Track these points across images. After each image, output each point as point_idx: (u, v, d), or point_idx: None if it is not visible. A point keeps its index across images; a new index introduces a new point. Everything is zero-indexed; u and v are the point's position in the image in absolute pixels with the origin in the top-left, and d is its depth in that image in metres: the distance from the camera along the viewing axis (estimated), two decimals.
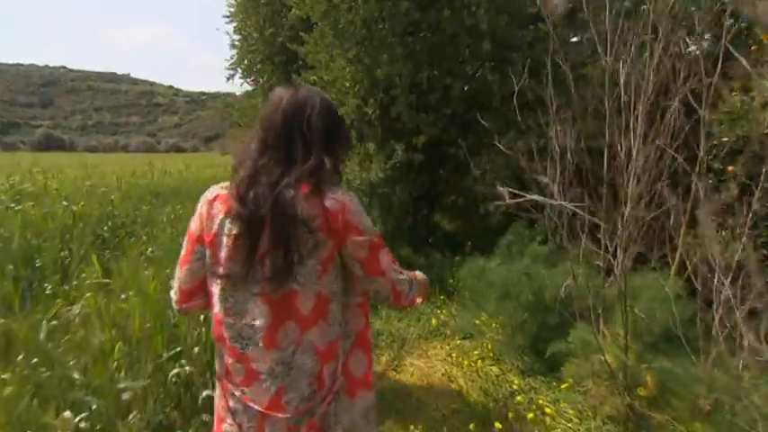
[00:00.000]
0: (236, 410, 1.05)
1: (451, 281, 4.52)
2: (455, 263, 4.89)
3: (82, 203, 4.92)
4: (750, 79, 2.97)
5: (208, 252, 1.06)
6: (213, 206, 1.07)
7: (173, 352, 1.95)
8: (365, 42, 4.07)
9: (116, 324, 2.07)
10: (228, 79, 9.29)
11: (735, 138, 3.11)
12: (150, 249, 3.69)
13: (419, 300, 1.21)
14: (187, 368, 1.84)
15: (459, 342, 3.56)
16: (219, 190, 1.09)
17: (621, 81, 2.28)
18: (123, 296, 2.38)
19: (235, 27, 8.87)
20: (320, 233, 1.00)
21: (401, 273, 1.13)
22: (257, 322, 1.02)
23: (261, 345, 1.02)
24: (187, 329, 2.09)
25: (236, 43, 9.19)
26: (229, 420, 1.06)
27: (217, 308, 1.06)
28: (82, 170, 9.58)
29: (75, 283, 2.90)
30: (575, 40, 6.14)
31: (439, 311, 4.13)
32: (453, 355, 3.33)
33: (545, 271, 2.96)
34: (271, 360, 1.02)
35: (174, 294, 1.16)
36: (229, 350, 1.05)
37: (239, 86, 24.98)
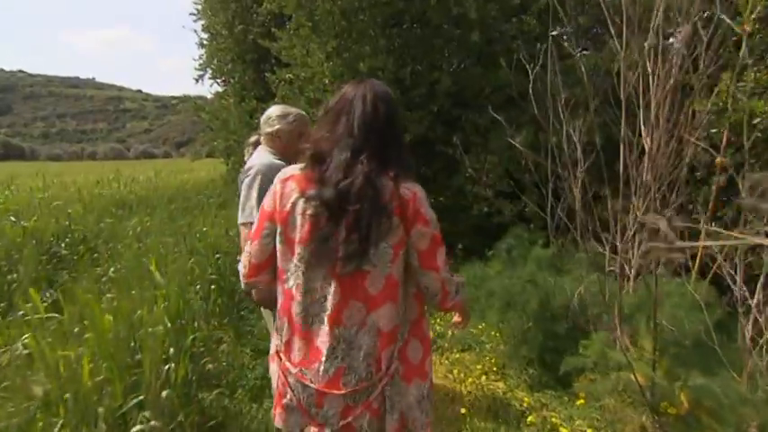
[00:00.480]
0: (296, 387, 1.11)
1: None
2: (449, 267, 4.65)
3: (35, 218, 4.45)
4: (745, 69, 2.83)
5: (279, 229, 1.12)
6: (287, 185, 1.12)
7: (134, 401, 1.61)
8: (344, 35, 3.77)
9: (64, 368, 1.72)
10: (197, 80, 8.84)
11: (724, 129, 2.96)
12: (112, 269, 3.30)
13: (461, 306, 1.23)
14: (152, 422, 1.50)
15: (458, 355, 3.30)
16: (293, 170, 1.14)
17: (640, 68, 2.06)
18: (78, 330, 2.02)
19: (203, 25, 8.43)
20: (395, 218, 1.04)
21: (452, 274, 1.16)
22: (327, 300, 1.07)
23: (326, 321, 1.07)
24: (152, 370, 1.75)
25: (205, 42, 8.75)
26: (290, 395, 1.12)
27: (290, 283, 1.11)
28: (40, 180, 8.92)
29: (21, 312, 2.50)
30: (554, 33, 6.01)
31: (434, 321, 3.87)
32: (455, 371, 3.06)
33: (551, 277, 2.74)
34: (333, 338, 1.07)
35: (242, 268, 1.22)
36: (295, 326, 1.11)
37: (209, 87, 24.35)
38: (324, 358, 1.07)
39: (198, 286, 3.03)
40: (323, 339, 1.08)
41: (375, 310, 1.07)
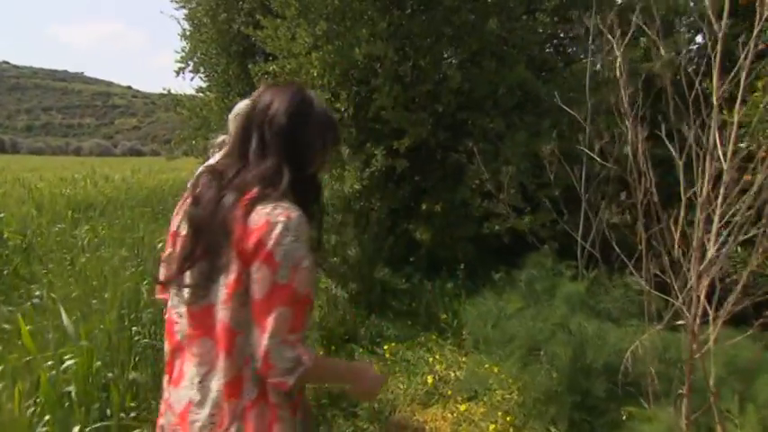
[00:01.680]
0: (165, 410, 1.04)
1: (445, 316, 3.70)
2: (447, 291, 4.07)
3: None
4: None
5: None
6: (184, 204, 1.06)
7: None
8: (337, 17, 3.19)
9: None
10: (178, 74, 8.17)
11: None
12: (38, 293, 2.66)
13: (291, 384, 0.90)
14: None
15: (465, 407, 2.71)
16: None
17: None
18: None
19: (186, 14, 7.78)
20: (233, 250, 0.91)
21: (298, 350, 0.89)
22: (184, 330, 1.00)
23: (186, 353, 1.00)
24: None
25: (188, 32, 8.10)
26: (162, 419, 1.05)
27: (169, 304, 1.05)
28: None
29: None
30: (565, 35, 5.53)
31: (432, 358, 3.28)
32: (462, 431, 2.49)
33: (585, 322, 2.18)
34: (191, 372, 0.98)
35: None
36: (167, 345, 1.05)
37: (190, 82, 23.70)
38: (183, 385, 0.98)
39: (138, 327, 2.39)
40: (185, 367, 0.99)
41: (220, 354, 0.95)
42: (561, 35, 5.26)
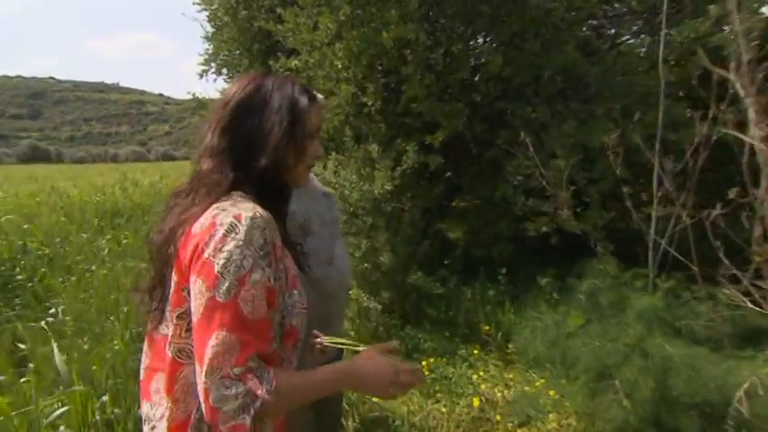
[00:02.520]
0: None
1: (487, 327, 3.36)
2: (489, 299, 3.72)
3: None
4: None
5: None
6: None
7: None
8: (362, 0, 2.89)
9: None
10: (201, 76, 8.10)
11: None
12: (53, 310, 2.50)
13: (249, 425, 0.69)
14: None
15: None
16: None
17: None
18: None
19: (208, 15, 7.69)
20: (175, 261, 0.78)
21: (249, 383, 0.69)
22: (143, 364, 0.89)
23: (144, 390, 0.86)
24: None
25: (210, 34, 8.01)
26: None
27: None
28: (38, 184, 8.33)
29: None
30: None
31: (476, 375, 2.95)
32: None
33: (668, 344, 1.81)
34: (145, 415, 0.85)
35: None
36: None
37: (213, 83, 24.05)
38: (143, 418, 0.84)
39: None
40: (143, 410, 0.85)
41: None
42: (601, 15, 4.80)
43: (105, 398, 1.61)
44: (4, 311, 2.97)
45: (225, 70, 8.02)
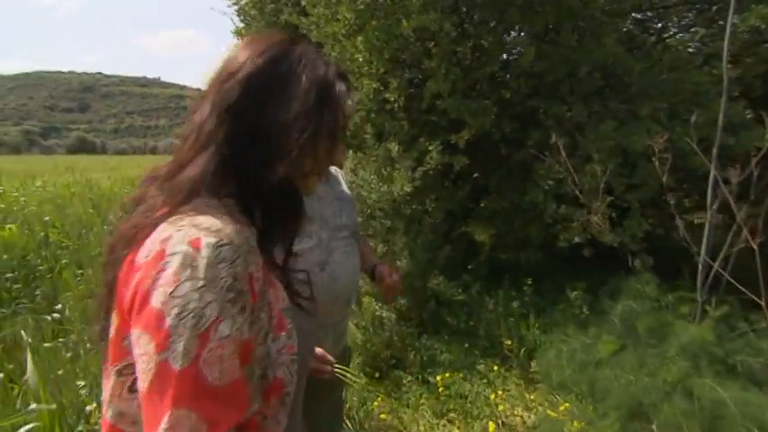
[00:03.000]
0: None
1: (509, 342, 3.12)
2: (512, 311, 3.47)
3: (13, 226, 3.76)
4: None
5: None
6: None
7: None
8: None
9: None
10: None
11: None
12: (59, 306, 2.45)
13: None
14: None
15: None
16: None
17: None
18: None
19: (237, 9, 7.70)
20: (115, 298, 0.59)
21: None
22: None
23: None
24: None
25: (242, 30, 8.03)
26: None
27: None
28: (74, 175, 8.60)
29: None
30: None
31: (494, 394, 2.73)
32: None
33: (720, 386, 1.55)
34: None
35: None
36: None
37: None
38: None
39: None
40: None
41: None
42: (647, 6, 4.42)
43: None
44: (21, 302, 2.98)
45: None
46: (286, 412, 0.67)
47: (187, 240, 0.54)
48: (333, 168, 1.66)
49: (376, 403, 2.63)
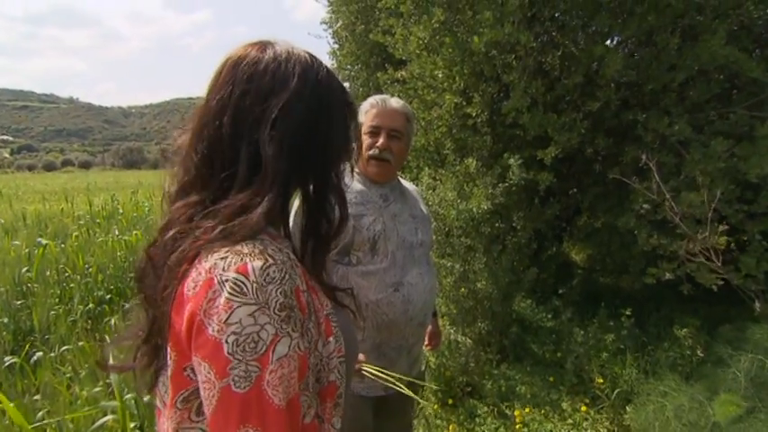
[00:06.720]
0: None
1: (601, 380, 2.79)
2: (607, 345, 3.09)
3: (138, 231, 4.33)
4: None
5: None
6: None
7: None
8: (459, 2, 2.62)
9: None
10: None
11: None
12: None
13: None
14: None
15: None
16: None
17: None
18: None
19: (332, 33, 8.15)
20: (168, 329, 0.59)
21: None
22: None
23: None
24: None
25: (336, 51, 8.48)
26: None
27: None
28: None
29: None
30: None
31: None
32: None
33: None
34: None
35: None
36: None
37: None
38: None
39: None
40: None
41: None
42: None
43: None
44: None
45: (347, 84, 8.42)
46: (339, 415, 0.69)
47: (233, 268, 0.55)
48: (411, 187, 1.65)
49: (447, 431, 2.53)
